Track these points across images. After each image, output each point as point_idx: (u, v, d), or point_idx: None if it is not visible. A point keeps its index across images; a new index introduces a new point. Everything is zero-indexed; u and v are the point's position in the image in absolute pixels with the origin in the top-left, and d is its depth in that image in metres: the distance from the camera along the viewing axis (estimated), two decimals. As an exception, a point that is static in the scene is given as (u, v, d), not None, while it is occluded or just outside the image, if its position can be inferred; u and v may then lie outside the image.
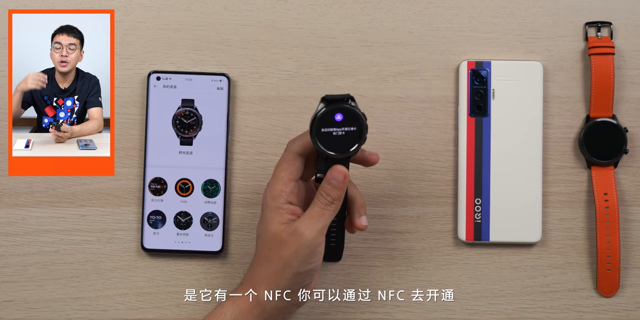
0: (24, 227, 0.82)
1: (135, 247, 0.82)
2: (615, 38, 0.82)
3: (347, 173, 0.70)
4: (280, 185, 0.71)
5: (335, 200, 0.70)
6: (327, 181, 0.70)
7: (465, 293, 0.82)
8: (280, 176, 0.72)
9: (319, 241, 0.70)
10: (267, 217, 0.71)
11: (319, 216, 0.70)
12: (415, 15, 0.83)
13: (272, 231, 0.71)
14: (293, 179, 0.72)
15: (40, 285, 0.82)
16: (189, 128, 0.82)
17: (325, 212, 0.70)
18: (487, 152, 0.81)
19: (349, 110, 0.69)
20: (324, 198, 0.70)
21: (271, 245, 0.71)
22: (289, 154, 0.72)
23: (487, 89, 0.82)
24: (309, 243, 0.69)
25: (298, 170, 0.72)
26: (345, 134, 0.69)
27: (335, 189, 0.70)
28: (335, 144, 0.69)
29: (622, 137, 0.81)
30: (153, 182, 0.82)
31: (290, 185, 0.71)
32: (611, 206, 0.81)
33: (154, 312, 0.82)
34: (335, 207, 0.70)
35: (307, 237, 0.69)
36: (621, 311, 0.82)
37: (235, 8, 0.83)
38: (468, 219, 0.81)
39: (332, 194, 0.70)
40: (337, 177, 0.70)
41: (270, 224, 0.71)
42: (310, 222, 0.70)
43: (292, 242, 0.70)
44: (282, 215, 0.71)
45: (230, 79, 0.82)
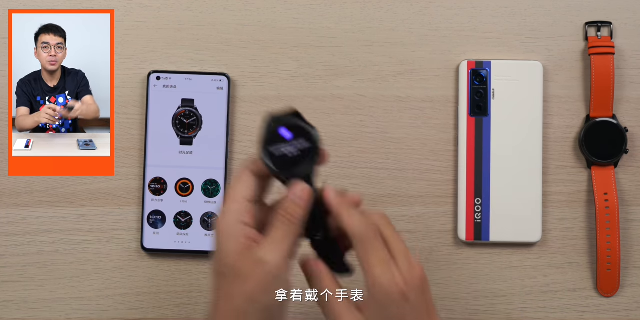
0: (24, 227, 0.82)
1: (135, 247, 0.82)
2: (615, 38, 0.82)
3: (308, 188, 0.63)
4: (230, 204, 0.62)
5: (298, 220, 0.62)
6: (286, 199, 0.63)
7: (465, 293, 0.82)
8: (230, 195, 0.63)
9: (285, 268, 0.61)
10: (222, 246, 0.62)
11: (282, 238, 0.61)
12: (415, 15, 0.83)
13: (229, 263, 0.61)
14: (246, 197, 0.63)
15: (40, 285, 0.82)
16: (189, 128, 0.82)
17: (289, 233, 0.62)
18: (487, 152, 0.81)
19: (294, 125, 0.63)
20: (284, 217, 0.62)
21: (231, 280, 0.61)
22: (239, 170, 0.64)
23: (487, 88, 0.82)
24: (275, 271, 0.60)
25: (251, 188, 0.63)
26: (300, 153, 0.63)
27: (297, 206, 0.62)
28: (289, 163, 0.63)
29: (622, 137, 0.81)
30: (153, 182, 0.82)
31: (244, 204, 0.62)
32: (611, 206, 0.81)
33: (154, 312, 0.82)
34: (297, 228, 0.62)
35: (273, 264, 0.60)
36: (621, 311, 0.82)
37: (235, 8, 0.83)
38: (468, 218, 0.81)
39: (293, 212, 0.62)
40: (298, 193, 0.63)
41: (225, 253, 0.61)
42: (274, 247, 0.61)
43: (255, 274, 0.60)
44: (237, 241, 0.61)
45: (230, 79, 0.82)
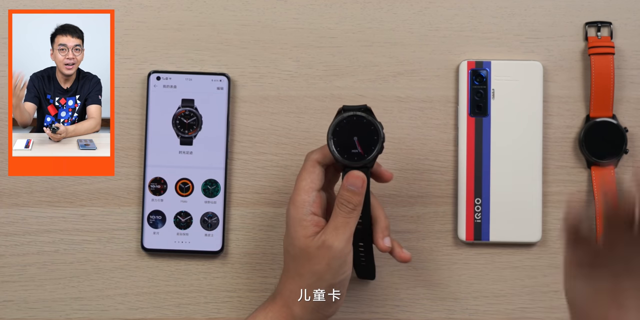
0: (24, 227, 0.82)
1: (135, 247, 0.82)
2: (615, 38, 0.82)
3: (364, 178, 0.70)
4: (302, 195, 0.71)
5: (357, 207, 0.70)
6: (344, 188, 0.70)
7: (465, 293, 0.82)
8: (302, 186, 0.71)
9: (347, 250, 0.70)
10: (292, 231, 0.71)
11: (344, 225, 0.69)
12: (415, 15, 0.83)
13: (299, 246, 0.70)
14: (314, 188, 0.71)
15: (40, 285, 0.82)
16: (189, 128, 0.82)
17: (349, 220, 0.70)
18: (487, 151, 0.81)
19: (365, 118, 0.70)
20: (345, 206, 0.70)
21: (301, 260, 0.70)
22: (307, 163, 0.72)
23: (487, 88, 0.82)
24: (339, 254, 0.69)
25: (319, 179, 0.71)
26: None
27: (355, 195, 0.70)
28: (355, 155, 0.70)
29: (622, 137, 0.81)
30: (153, 182, 0.82)
31: (312, 195, 0.71)
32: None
33: (154, 312, 0.82)
34: (357, 214, 0.70)
35: (336, 248, 0.69)
36: (621, 311, 0.82)
37: (235, 8, 0.83)
38: (468, 218, 0.81)
39: (352, 201, 0.70)
40: (355, 183, 0.70)
41: (296, 238, 0.70)
42: (337, 233, 0.69)
43: (322, 256, 0.69)
44: (306, 228, 0.70)
45: (230, 79, 0.82)
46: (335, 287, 0.71)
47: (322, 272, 0.70)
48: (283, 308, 0.72)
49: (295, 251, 0.71)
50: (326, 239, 0.69)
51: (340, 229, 0.69)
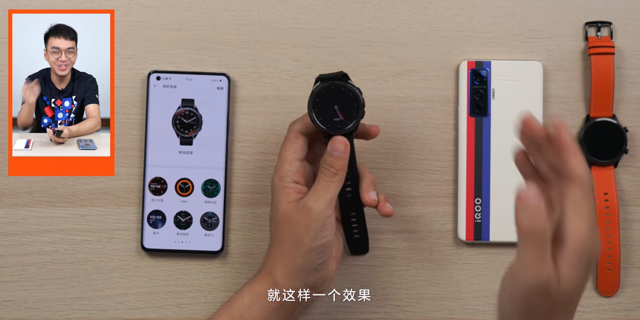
0: (24, 227, 0.82)
1: (135, 247, 0.82)
2: (615, 38, 0.82)
3: (347, 142, 0.71)
4: (285, 165, 0.72)
5: (339, 171, 0.71)
6: (328, 153, 0.71)
7: (465, 293, 0.82)
8: (284, 156, 0.73)
9: (327, 213, 0.70)
10: (276, 199, 0.72)
11: (324, 188, 0.70)
12: (415, 15, 0.83)
13: (281, 211, 0.71)
14: (297, 158, 0.72)
15: (40, 285, 0.82)
16: (189, 128, 0.82)
17: (330, 184, 0.70)
18: (487, 151, 0.81)
19: (343, 86, 0.71)
20: (327, 170, 0.71)
21: (282, 225, 0.71)
22: (290, 134, 0.73)
23: (487, 88, 0.82)
24: (317, 216, 0.70)
25: (302, 149, 0.73)
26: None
27: (338, 159, 0.71)
28: (337, 122, 0.71)
29: (622, 137, 0.81)
30: (153, 182, 0.82)
31: (296, 165, 0.72)
32: (611, 206, 0.81)
33: (154, 312, 0.82)
34: (340, 179, 0.71)
35: (315, 210, 0.69)
36: (621, 311, 0.82)
37: (235, 8, 0.83)
38: (468, 218, 0.81)
39: (334, 165, 0.71)
40: (338, 148, 0.71)
41: (279, 204, 0.72)
42: (317, 195, 0.70)
43: (301, 218, 0.70)
44: (289, 195, 0.71)
45: (230, 79, 0.82)
46: (315, 251, 0.70)
47: (301, 234, 0.70)
48: (266, 276, 0.73)
49: (279, 217, 0.72)
50: (306, 201, 0.70)
51: (320, 192, 0.70)
